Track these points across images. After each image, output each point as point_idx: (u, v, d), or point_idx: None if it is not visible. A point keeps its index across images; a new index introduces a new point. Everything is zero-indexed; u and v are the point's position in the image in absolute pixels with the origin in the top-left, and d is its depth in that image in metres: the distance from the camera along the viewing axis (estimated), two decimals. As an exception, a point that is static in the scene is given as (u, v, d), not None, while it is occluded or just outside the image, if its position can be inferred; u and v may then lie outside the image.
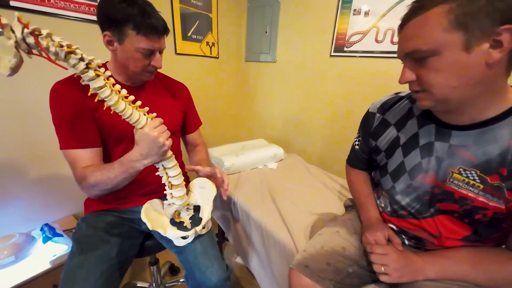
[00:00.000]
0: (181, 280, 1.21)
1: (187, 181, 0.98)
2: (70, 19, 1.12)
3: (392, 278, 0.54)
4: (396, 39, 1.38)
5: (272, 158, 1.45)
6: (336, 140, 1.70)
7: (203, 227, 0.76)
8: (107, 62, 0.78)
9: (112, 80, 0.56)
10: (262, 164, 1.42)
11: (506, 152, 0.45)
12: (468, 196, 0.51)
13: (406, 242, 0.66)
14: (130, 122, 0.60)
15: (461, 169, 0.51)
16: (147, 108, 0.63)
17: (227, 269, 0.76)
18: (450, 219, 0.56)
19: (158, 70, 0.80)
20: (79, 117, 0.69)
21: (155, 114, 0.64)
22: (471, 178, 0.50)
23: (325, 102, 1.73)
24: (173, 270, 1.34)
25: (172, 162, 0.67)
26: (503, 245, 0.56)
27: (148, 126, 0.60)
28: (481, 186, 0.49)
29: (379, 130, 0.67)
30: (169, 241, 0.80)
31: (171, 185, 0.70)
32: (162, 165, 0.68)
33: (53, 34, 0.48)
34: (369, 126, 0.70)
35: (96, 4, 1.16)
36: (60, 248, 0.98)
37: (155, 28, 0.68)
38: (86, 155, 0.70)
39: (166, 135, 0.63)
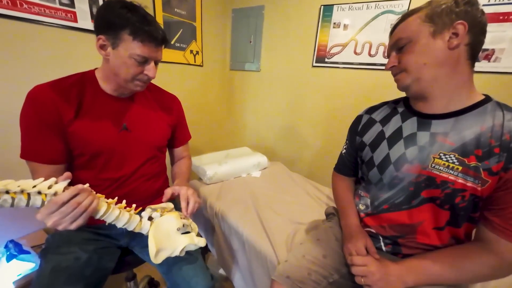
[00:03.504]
0: (161, 295, 1.16)
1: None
2: (46, 25, 1.08)
3: None
4: (373, 51, 1.47)
5: (256, 166, 1.44)
6: (320, 148, 1.74)
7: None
8: (96, 69, 0.75)
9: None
10: (246, 172, 1.42)
11: (479, 135, 0.53)
12: (449, 179, 0.55)
13: (384, 248, 0.67)
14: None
15: (441, 154, 0.57)
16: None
17: (212, 278, 0.74)
18: (432, 208, 0.59)
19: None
20: (48, 128, 0.65)
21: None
22: (451, 161, 0.55)
23: (308, 111, 1.77)
24: (153, 285, 1.28)
25: (105, 216, 0.56)
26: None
27: (40, 213, 0.47)
28: (460, 168, 0.54)
29: (366, 128, 0.74)
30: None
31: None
32: None
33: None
34: (357, 127, 0.77)
35: (75, 10, 1.14)
36: (26, 266, 0.91)
37: (153, 36, 0.65)
38: (45, 171, 0.65)
39: (70, 218, 0.49)
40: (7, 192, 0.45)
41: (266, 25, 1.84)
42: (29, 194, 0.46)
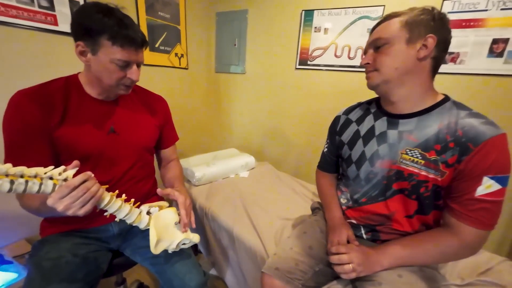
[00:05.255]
0: (152, 298, 1.16)
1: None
2: (25, 28, 1.05)
3: (355, 274, 0.60)
4: (352, 54, 1.55)
5: (244, 167, 1.48)
6: (304, 147, 1.80)
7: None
8: (79, 73, 0.74)
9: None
10: (234, 173, 1.44)
11: (438, 132, 0.59)
12: (414, 172, 0.62)
13: (364, 236, 0.73)
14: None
15: (407, 150, 0.63)
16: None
17: (204, 274, 0.76)
18: (402, 198, 0.66)
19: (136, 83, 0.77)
20: (33, 133, 0.64)
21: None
22: (415, 156, 0.62)
23: (292, 112, 1.82)
24: (143, 289, 1.27)
25: (108, 206, 0.58)
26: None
27: (52, 197, 0.49)
28: (422, 162, 0.61)
29: (344, 127, 0.80)
30: (143, 255, 0.77)
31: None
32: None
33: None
34: (336, 127, 0.83)
35: (55, 13, 1.12)
36: (8, 277, 0.88)
37: (132, 39, 0.65)
38: None
39: (80, 203, 0.51)
40: (22, 176, 0.46)
41: (250, 28, 1.89)
42: (41, 179, 0.48)
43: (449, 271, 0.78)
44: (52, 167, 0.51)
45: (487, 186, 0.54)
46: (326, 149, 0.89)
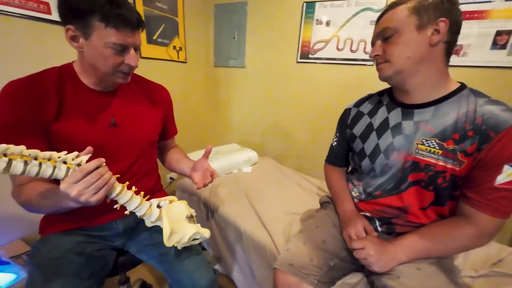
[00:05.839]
0: (156, 297, 1.13)
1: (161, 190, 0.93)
2: (15, 16, 0.99)
3: (373, 268, 0.59)
4: (354, 47, 1.53)
5: (247, 162, 1.45)
6: (306, 141, 1.78)
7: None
8: (73, 62, 0.69)
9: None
10: (237, 168, 1.42)
11: (456, 121, 0.58)
12: (431, 163, 0.60)
13: (379, 229, 0.72)
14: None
15: (423, 140, 0.61)
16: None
17: (214, 272, 0.74)
18: (418, 190, 0.64)
19: (135, 72, 0.72)
20: (27, 127, 0.60)
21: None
22: (432, 146, 0.60)
23: (293, 106, 1.80)
24: (145, 288, 1.24)
25: (119, 197, 0.56)
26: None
27: (65, 182, 0.47)
28: (440, 152, 0.59)
29: (355, 120, 0.77)
30: (149, 253, 0.75)
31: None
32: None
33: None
34: (346, 120, 0.81)
35: (48, 1, 1.06)
36: (6, 278, 0.84)
37: (127, 19, 0.59)
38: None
39: (93, 189, 0.49)
40: (36, 158, 0.45)
41: (250, 21, 1.84)
42: (55, 163, 0.47)
43: (461, 263, 0.78)
44: (65, 152, 0.49)
45: (507, 174, 0.52)
46: (335, 143, 0.87)
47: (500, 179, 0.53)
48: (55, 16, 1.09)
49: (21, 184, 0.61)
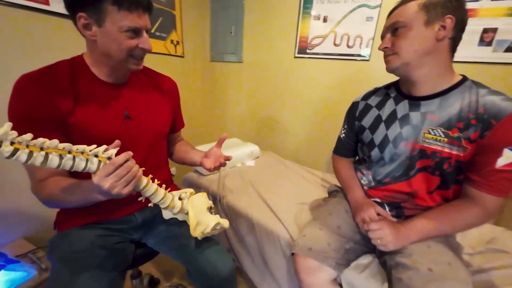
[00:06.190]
0: (165, 291, 1.15)
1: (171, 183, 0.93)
2: (11, 6, 0.95)
3: (388, 248, 0.64)
4: (351, 43, 1.58)
5: (249, 155, 1.47)
6: (304, 135, 1.82)
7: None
8: (83, 54, 0.67)
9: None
10: (240, 162, 1.44)
11: (460, 111, 0.63)
12: (437, 150, 0.66)
13: (389, 213, 0.76)
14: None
15: (429, 129, 0.67)
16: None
17: (233, 260, 0.77)
18: (425, 176, 0.70)
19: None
20: (44, 121, 0.59)
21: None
22: (438, 134, 0.66)
23: (291, 101, 1.83)
24: (153, 283, 1.25)
25: (145, 189, 0.58)
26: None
27: (98, 175, 0.48)
28: (445, 140, 0.64)
29: (363, 113, 0.82)
30: (169, 245, 0.76)
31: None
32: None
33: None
34: (354, 112, 0.85)
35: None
36: (17, 276, 0.82)
37: (138, 1, 0.58)
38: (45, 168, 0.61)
39: (124, 182, 0.50)
40: (70, 152, 0.45)
41: (247, 16, 1.84)
42: (88, 156, 0.48)
43: (460, 242, 0.84)
44: (95, 145, 0.49)
45: (507, 157, 0.58)
46: (343, 135, 0.90)
47: (501, 162, 0.59)
48: (53, 7, 1.05)
49: (42, 179, 0.60)
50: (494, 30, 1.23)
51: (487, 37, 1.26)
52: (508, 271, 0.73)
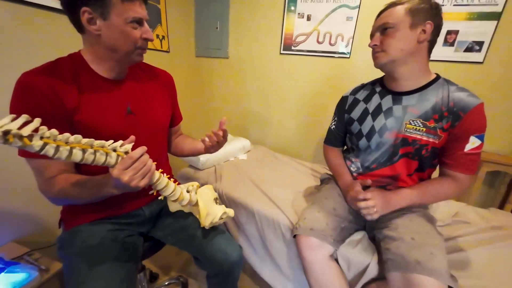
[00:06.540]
0: (166, 283, 1.17)
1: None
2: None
3: (378, 214, 0.74)
4: (333, 41, 1.68)
5: (241, 149, 1.52)
6: (290, 129, 1.91)
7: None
8: (80, 50, 0.65)
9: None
10: (233, 156, 1.48)
11: (435, 104, 0.74)
12: (417, 138, 0.77)
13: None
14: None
15: (410, 120, 0.77)
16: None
17: (240, 247, 0.83)
18: (406, 161, 0.81)
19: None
20: (51, 118, 0.58)
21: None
22: (417, 125, 0.76)
23: (277, 96, 1.90)
24: (152, 277, 1.26)
25: (157, 183, 0.61)
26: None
27: (117, 169, 0.50)
28: (424, 129, 0.75)
29: (352, 106, 0.91)
30: (177, 236, 0.79)
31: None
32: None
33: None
34: (344, 106, 0.94)
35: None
36: (19, 278, 0.80)
37: None
38: (54, 165, 0.60)
39: (141, 175, 0.53)
40: (91, 146, 0.47)
41: (233, 12, 1.86)
42: (107, 151, 0.49)
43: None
44: (112, 141, 0.51)
45: (472, 143, 0.71)
46: (333, 126, 1.00)
47: (468, 146, 0.71)
48: (45, 1, 0.99)
49: (51, 177, 0.60)
50: (456, 32, 1.40)
51: (450, 38, 1.43)
52: (470, 238, 0.88)
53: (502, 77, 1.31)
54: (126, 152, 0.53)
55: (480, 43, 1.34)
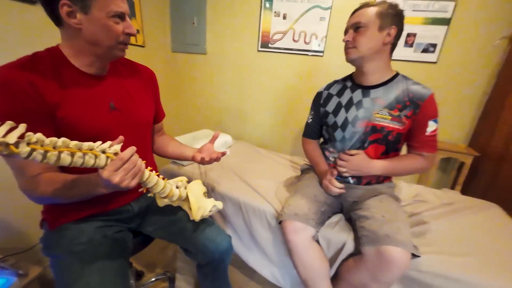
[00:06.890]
0: (153, 279, 1.17)
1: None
2: None
3: (348, 174, 0.89)
4: (308, 40, 1.77)
5: (223, 145, 1.55)
6: (268, 123, 1.98)
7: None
8: (58, 45, 0.62)
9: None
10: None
11: (398, 96, 0.86)
12: (384, 125, 0.87)
13: (351, 180, 0.97)
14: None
15: (378, 110, 0.88)
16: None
17: (229, 236, 0.87)
18: (375, 146, 0.92)
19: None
20: (31, 115, 0.56)
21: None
22: (384, 114, 0.87)
23: (255, 92, 1.95)
24: (137, 275, 1.25)
25: (147, 181, 0.60)
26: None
27: (107, 170, 0.49)
28: (390, 118, 0.87)
29: (327, 100, 1.00)
30: (167, 230, 0.81)
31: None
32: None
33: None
34: (319, 100, 1.03)
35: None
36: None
37: None
38: (38, 165, 0.58)
39: (131, 175, 0.52)
40: (80, 149, 0.46)
41: (210, 8, 1.86)
42: (96, 153, 0.48)
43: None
44: (100, 142, 0.50)
45: (431, 126, 0.85)
46: (310, 120, 1.08)
47: (428, 130, 0.85)
48: None
49: (34, 176, 0.58)
50: (414, 35, 1.57)
51: (409, 40, 1.59)
52: (428, 213, 1.02)
53: (452, 75, 1.50)
54: (116, 153, 0.52)
55: (434, 45, 1.52)
